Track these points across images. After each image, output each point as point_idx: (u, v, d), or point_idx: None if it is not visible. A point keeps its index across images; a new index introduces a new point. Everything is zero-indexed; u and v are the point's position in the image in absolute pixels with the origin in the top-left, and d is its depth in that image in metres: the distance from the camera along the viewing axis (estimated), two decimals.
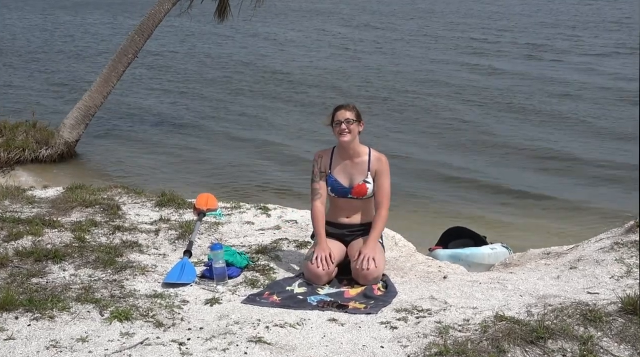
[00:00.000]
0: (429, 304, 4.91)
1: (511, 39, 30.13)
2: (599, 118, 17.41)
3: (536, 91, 20.17)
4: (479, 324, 4.48)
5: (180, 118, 18.06)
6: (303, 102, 19.63)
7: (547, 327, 4.30)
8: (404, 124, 17.26)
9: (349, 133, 5.48)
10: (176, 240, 6.31)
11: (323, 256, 5.40)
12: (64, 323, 4.53)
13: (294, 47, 29.16)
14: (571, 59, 25.20)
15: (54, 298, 4.81)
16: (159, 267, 5.67)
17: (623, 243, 5.86)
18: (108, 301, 4.85)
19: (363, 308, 4.91)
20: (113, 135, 16.35)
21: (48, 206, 7.11)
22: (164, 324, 4.58)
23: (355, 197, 5.57)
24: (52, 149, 14.04)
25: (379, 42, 29.93)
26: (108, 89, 14.79)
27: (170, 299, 5.00)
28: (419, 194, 12.34)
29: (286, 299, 5.04)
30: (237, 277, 5.49)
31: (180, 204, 7.30)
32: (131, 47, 14.86)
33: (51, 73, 23.74)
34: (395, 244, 6.49)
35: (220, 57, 26.72)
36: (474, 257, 7.50)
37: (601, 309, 4.52)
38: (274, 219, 7.03)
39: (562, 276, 5.43)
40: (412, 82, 21.77)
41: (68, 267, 5.52)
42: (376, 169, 5.56)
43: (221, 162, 14.36)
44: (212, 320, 4.68)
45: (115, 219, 6.77)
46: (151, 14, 15.10)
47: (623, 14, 37.40)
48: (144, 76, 22.91)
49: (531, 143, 15.30)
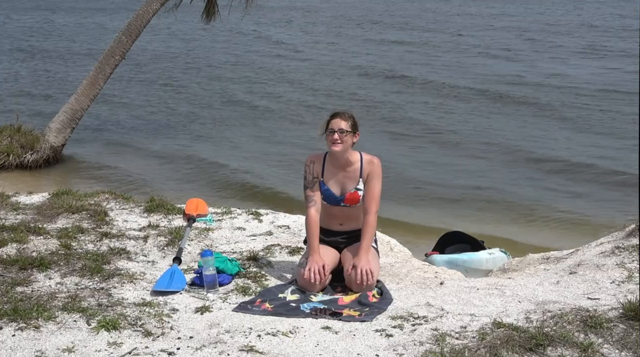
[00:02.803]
0: (426, 311, 4.91)
1: (510, 40, 30.23)
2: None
3: (537, 96, 20.15)
4: (477, 332, 4.48)
5: (170, 121, 18.04)
6: (295, 104, 19.62)
7: (546, 334, 4.30)
8: (397, 128, 17.25)
9: (340, 143, 5.41)
10: (165, 247, 6.30)
11: (316, 268, 5.37)
12: (50, 333, 4.52)
13: (285, 48, 29.20)
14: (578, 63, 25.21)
15: (39, 307, 4.79)
16: (147, 275, 5.66)
17: (624, 247, 5.88)
18: (95, 310, 4.84)
19: (357, 315, 4.90)
20: (100, 140, 16.30)
21: (33, 213, 7.09)
22: (152, 333, 4.57)
23: (348, 205, 5.57)
24: (38, 154, 13.97)
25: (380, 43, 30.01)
26: (95, 92, 14.73)
27: (160, 308, 4.99)
28: (415, 198, 12.32)
29: (279, 306, 5.04)
30: (228, 284, 5.49)
31: (169, 210, 7.30)
32: (118, 48, 14.80)
33: (36, 75, 23.69)
34: (390, 249, 6.50)
35: (210, 58, 26.73)
36: (472, 263, 7.51)
37: (602, 315, 4.53)
38: (266, 225, 7.03)
39: (562, 281, 5.44)
40: (409, 87, 21.82)
41: (54, 276, 5.50)
42: (368, 172, 5.52)
43: (212, 167, 14.32)
44: (203, 329, 4.67)
45: (103, 225, 6.76)
46: (139, 14, 15.04)
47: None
48: (132, 78, 22.88)
49: (534, 150, 15.26)
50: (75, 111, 14.55)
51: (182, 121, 17.99)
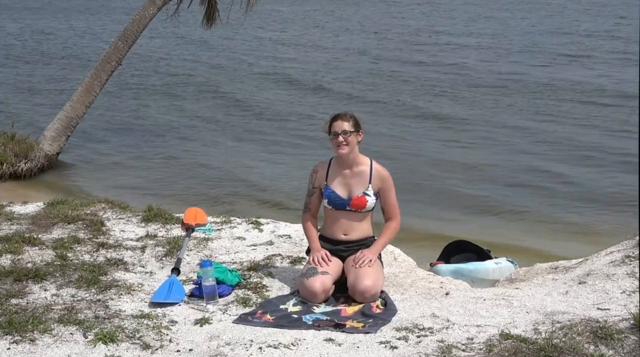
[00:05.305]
0: (431, 322, 4.90)
1: (510, 42, 30.24)
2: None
3: (545, 105, 20.14)
4: (484, 343, 4.48)
5: (167, 129, 18.02)
6: (297, 112, 19.63)
7: (555, 345, 4.30)
8: (403, 131, 17.31)
9: (346, 145, 5.49)
10: (163, 257, 6.30)
11: (319, 255, 5.50)
12: (46, 346, 4.52)
13: (286, 51, 29.24)
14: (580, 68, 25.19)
15: (34, 320, 4.79)
16: (145, 286, 5.65)
17: (635, 256, 5.87)
18: (92, 322, 4.83)
19: (361, 327, 4.90)
20: (96, 148, 16.29)
21: (28, 223, 7.09)
22: (151, 346, 4.57)
23: (354, 209, 5.57)
24: (32, 163, 13.98)
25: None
26: (90, 99, 14.76)
27: (158, 320, 4.99)
28: (421, 206, 12.30)
29: (280, 318, 5.04)
30: (228, 295, 5.48)
31: (167, 219, 7.30)
32: (115, 54, 14.83)
33: (31, 82, 23.72)
34: (394, 259, 6.49)
35: (207, 64, 26.73)
36: (478, 273, 7.50)
37: (612, 326, 4.53)
38: (267, 234, 7.03)
39: (571, 291, 5.44)
40: (411, 92, 21.88)
41: (49, 287, 5.50)
42: (380, 187, 5.60)
43: (211, 175, 14.32)
44: (202, 341, 4.67)
45: (99, 235, 6.76)
46: (135, 19, 15.08)
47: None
48: (128, 85, 22.88)
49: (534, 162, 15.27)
50: (70, 119, 14.58)
51: (181, 129, 17.98)
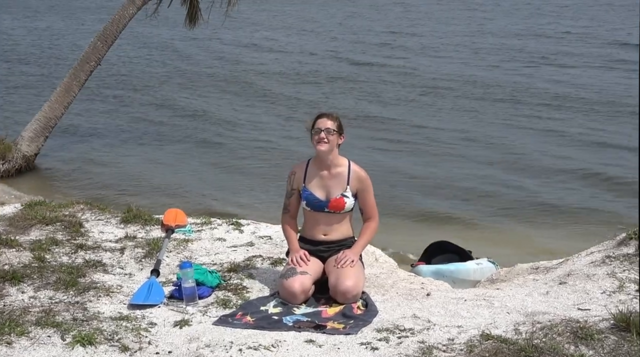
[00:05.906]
0: (412, 323, 4.91)
1: (507, 44, 30.38)
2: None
3: (532, 98, 20.26)
4: (465, 344, 4.49)
5: (146, 129, 17.97)
6: (277, 113, 19.62)
7: (536, 346, 4.32)
8: (385, 134, 17.32)
9: (326, 143, 5.51)
10: (143, 259, 6.28)
11: (298, 255, 5.54)
12: (23, 349, 4.49)
13: (267, 51, 29.22)
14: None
15: (11, 322, 4.75)
16: (124, 288, 5.63)
17: (615, 256, 5.90)
18: (70, 325, 4.81)
19: (342, 328, 4.90)
20: (75, 148, 16.22)
21: (5, 224, 7.05)
22: (130, 348, 4.55)
23: (333, 211, 5.58)
24: (10, 164, 13.92)
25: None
26: (69, 99, 14.69)
27: (137, 322, 4.97)
28: (401, 206, 12.34)
29: (260, 319, 5.03)
30: (208, 297, 5.47)
31: (146, 221, 7.27)
32: (94, 54, 14.78)
33: (7, 81, 23.56)
34: (375, 260, 6.51)
35: (187, 64, 26.68)
36: (459, 273, 7.53)
37: (593, 327, 4.56)
38: (247, 235, 7.02)
39: (552, 292, 5.46)
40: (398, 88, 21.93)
41: (27, 289, 5.46)
42: (358, 188, 5.62)
43: (190, 175, 14.30)
44: (182, 343, 4.66)
45: (78, 237, 6.73)
46: (115, 19, 15.02)
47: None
48: (108, 85, 22.77)
49: (525, 153, 15.38)
50: (48, 119, 14.50)
51: (160, 129, 17.93)
